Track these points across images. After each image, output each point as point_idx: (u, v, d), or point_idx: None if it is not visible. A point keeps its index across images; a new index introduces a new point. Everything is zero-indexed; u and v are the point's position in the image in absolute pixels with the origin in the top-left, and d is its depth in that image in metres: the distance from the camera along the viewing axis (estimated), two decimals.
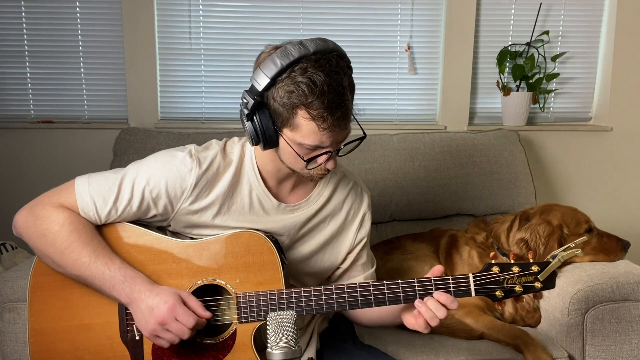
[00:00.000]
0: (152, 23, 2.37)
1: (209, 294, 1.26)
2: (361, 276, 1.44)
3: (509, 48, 2.52)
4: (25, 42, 2.39)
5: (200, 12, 2.43)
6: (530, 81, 2.53)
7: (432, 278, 1.19)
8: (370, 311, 1.36)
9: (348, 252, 1.43)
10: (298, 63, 1.12)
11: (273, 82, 1.13)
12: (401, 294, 1.19)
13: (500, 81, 2.56)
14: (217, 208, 1.29)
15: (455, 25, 2.48)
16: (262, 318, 1.22)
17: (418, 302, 1.17)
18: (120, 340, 1.24)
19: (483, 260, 1.85)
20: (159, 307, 1.16)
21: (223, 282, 1.25)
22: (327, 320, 1.54)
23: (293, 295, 1.22)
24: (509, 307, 1.83)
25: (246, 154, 1.32)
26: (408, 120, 2.59)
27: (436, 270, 1.21)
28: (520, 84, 2.55)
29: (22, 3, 2.36)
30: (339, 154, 1.23)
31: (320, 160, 1.20)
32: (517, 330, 1.69)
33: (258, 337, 1.25)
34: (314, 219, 1.37)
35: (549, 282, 1.19)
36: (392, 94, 2.57)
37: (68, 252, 1.20)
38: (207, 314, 1.20)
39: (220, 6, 2.43)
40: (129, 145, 2.17)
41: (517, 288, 1.18)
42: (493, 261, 1.20)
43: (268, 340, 0.99)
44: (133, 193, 1.25)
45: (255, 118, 1.17)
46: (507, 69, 2.54)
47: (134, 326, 1.23)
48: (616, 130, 2.62)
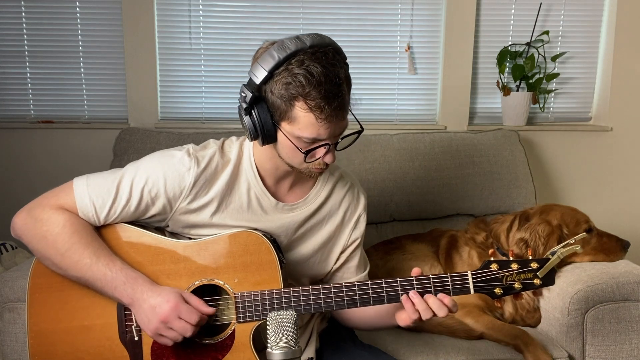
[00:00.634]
0: (152, 23, 2.37)
1: (207, 295, 1.25)
2: (353, 279, 1.44)
3: (509, 48, 2.52)
4: (25, 42, 2.39)
5: (200, 12, 2.43)
6: (530, 81, 2.53)
7: (431, 275, 1.20)
8: (365, 314, 1.36)
9: (341, 252, 1.43)
10: (295, 56, 1.12)
11: (271, 75, 1.14)
12: (400, 293, 1.20)
13: (500, 81, 2.56)
14: (216, 206, 1.29)
15: (455, 25, 2.48)
16: (261, 318, 1.22)
17: (413, 294, 1.18)
18: (119, 341, 1.24)
19: (483, 260, 1.83)
20: (162, 306, 1.16)
21: (221, 282, 1.25)
22: (327, 319, 1.54)
23: (291, 294, 1.22)
24: (509, 307, 1.83)
25: (244, 153, 1.32)
26: (408, 120, 2.59)
27: (417, 271, 1.21)
28: (520, 84, 2.55)
29: (22, 3, 2.36)
30: (337, 148, 1.23)
31: (318, 153, 1.20)
32: (517, 330, 1.69)
33: (257, 337, 1.25)
34: (312, 220, 1.37)
35: (548, 279, 1.19)
36: (392, 94, 2.57)
37: (69, 254, 1.20)
38: (210, 310, 1.20)
39: (220, 6, 2.43)
40: (129, 145, 2.17)
41: (516, 285, 1.18)
42: (492, 258, 1.20)
43: (268, 340, 0.99)
44: (132, 193, 1.25)
45: (253, 112, 1.17)
46: (507, 69, 2.54)
47: (133, 327, 1.23)
48: (616, 130, 2.62)
